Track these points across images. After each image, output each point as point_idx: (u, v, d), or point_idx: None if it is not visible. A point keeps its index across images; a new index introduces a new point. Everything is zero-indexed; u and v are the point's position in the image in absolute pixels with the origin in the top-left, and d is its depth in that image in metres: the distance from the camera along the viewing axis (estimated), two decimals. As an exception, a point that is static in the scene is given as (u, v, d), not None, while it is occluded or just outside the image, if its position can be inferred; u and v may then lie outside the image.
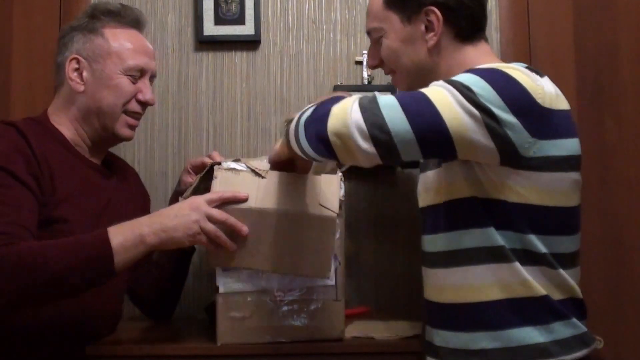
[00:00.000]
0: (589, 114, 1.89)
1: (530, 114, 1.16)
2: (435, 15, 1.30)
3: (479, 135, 1.14)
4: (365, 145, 1.13)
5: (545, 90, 1.19)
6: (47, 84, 1.85)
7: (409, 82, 1.36)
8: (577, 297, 1.25)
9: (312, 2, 1.99)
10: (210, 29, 1.96)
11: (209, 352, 1.41)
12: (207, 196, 1.34)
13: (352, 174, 1.79)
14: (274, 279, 1.36)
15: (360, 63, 1.97)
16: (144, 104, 1.55)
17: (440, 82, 1.18)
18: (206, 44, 1.97)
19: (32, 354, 1.41)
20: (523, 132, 1.16)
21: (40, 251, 1.27)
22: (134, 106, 1.53)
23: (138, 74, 1.52)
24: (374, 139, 1.13)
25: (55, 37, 1.62)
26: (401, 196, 1.93)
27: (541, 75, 1.23)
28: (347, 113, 1.14)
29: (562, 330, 1.21)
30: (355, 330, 1.50)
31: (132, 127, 1.55)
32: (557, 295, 1.22)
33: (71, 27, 1.55)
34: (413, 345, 1.44)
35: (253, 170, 1.39)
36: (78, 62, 1.51)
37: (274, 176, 1.38)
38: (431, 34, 1.31)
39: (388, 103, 1.14)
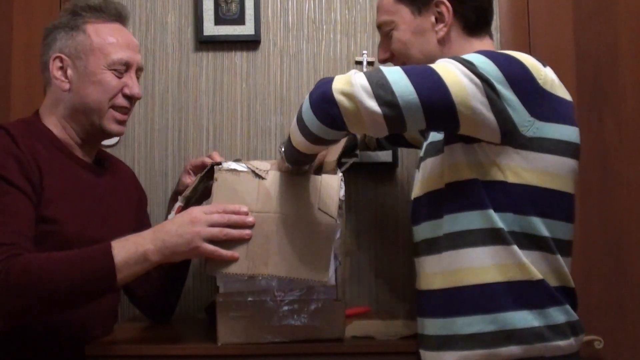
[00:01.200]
0: (589, 114, 1.89)
1: (529, 93, 1.19)
2: (445, 6, 1.33)
3: (480, 104, 1.16)
4: (371, 102, 1.14)
5: (547, 74, 1.22)
6: (47, 84, 1.85)
7: None
8: (570, 286, 1.26)
9: (312, 2, 1.99)
10: (210, 29, 1.96)
11: (209, 352, 1.41)
12: (208, 208, 1.35)
13: (353, 174, 1.79)
14: (274, 279, 1.36)
15: (360, 63, 1.97)
16: (131, 98, 1.53)
17: (443, 59, 1.21)
18: (206, 44, 1.97)
19: (30, 355, 1.41)
20: (522, 110, 1.18)
21: (45, 267, 1.28)
22: (120, 101, 1.51)
23: (123, 68, 1.50)
24: (378, 98, 1.14)
25: (55, 37, 1.62)
26: (401, 196, 1.93)
27: (544, 66, 1.25)
28: (350, 76, 1.17)
29: (556, 315, 1.22)
30: (355, 330, 1.50)
31: (121, 122, 1.53)
32: (552, 282, 1.23)
33: (53, 26, 1.53)
34: (413, 345, 1.44)
35: (253, 172, 1.39)
36: (61, 60, 1.49)
37: (274, 177, 1.38)
38: (441, 25, 1.35)
39: (391, 69, 1.16)
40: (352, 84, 1.15)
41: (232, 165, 1.40)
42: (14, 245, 1.28)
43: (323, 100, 1.18)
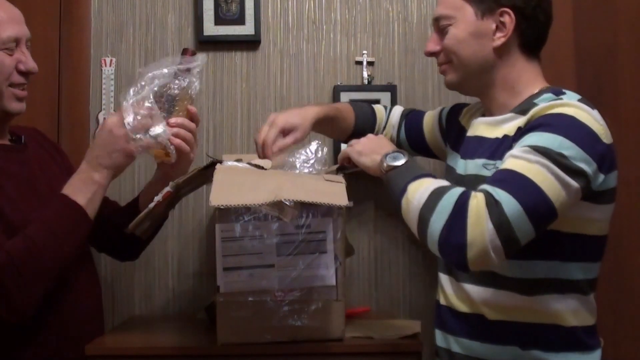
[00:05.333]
0: (589, 113, 1.88)
1: (603, 156, 1.24)
2: (510, 17, 1.34)
3: (574, 197, 1.21)
4: (498, 259, 1.17)
5: (604, 126, 1.26)
6: (47, 83, 1.86)
7: (462, 74, 1.40)
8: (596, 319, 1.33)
9: (312, 2, 1.99)
10: (210, 29, 1.96)
11: (209, 352, 1.41)
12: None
13: (353, 175, 1.79)
14: (275, 279, 1.36)
15: (360, 63, 1.97)
16: (27, 74, 1.47)
17: (534, 156, 1.20)
18: (206, 44, 1.97)
19: (28, 355, 1.41)
20: (598, 173, 1.23)
21: (30, 244, 1.32)
22: (16, 78, 1.45)
23: (13, 44, 1.44)
24: (506, 252, 1.17)
25: (55, 37, 1.61)
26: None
27: (593, 108, 1.28)
28: (484, 241, 1.15)
29: (581, 359, 1.29)
30: (355, 330, 1.50)
31: (21, 99, 1.48)
32: (589, 320, 1.31)
33: None
34: (413, 345, 1.44)
35: (254, 165, 1.42)
36: None
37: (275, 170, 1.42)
38: (500, 35, 1.35)
39: (515, 211, 1.16)
40: (485, 245, 1.15)
41: (233, 163, 1.41)
42: None
43: (454, 250, 1.18)
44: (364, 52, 1.97)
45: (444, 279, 1.42)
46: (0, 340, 1.38)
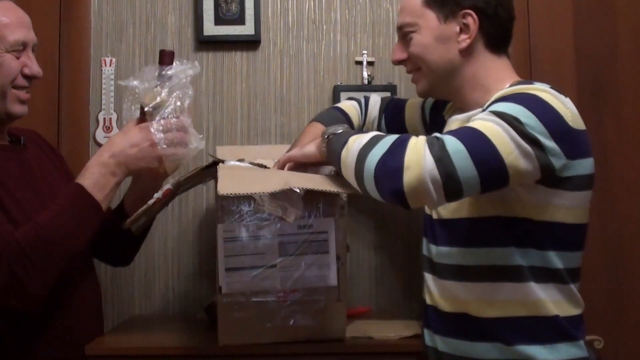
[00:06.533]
0: (589, 114, 1.87)
1: (565, 138, 1.22)
2: (472, 18, 1.34)
3: (530, 166, 1.19)
4: (437, 196, 1.16)
5: (572, 112, 1.25)
6: (47, 84, 1.85)
7: (431, 80, 1.40)
8: (581, 310, 1.32)
9: (312, 2, 1.99)
10: (210, 29, 1.96)
11: (210, 352, 1.41)
12: (157, 124, 1.42)
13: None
14: (277, 279, 1.36)
15: (360, 63, 1.97)
16: (31, 78, 1.49)
17: (490, 116, 1.20)
18: (206, 44, 1.97)
19: (28, 355, 1.41)
20: (561, 156, 1.21)
21: (41, 233, 1.32)
22: (21, 81, 1.47)
23: (20, 47, 1.46)
24: (446, 191, 1.15)
25: (55, 37, 1.61)
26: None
27: (565, 97, 1.28)
28: (421, 166, 1.14)
29: (567, 350, 1.28)
30: (355, 330, 1.50)
31: (24, 102, 1.49)
32: (572, 311, 1.29)
33: None
34: (413, 345, 1.44)
35: (257, 164, 1.43)
36: None
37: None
38: (465, 36, 1.35)
39: (458, 150, 1.16)
40: (423, 180, 1.14)
41: (236, 163, 1.42)
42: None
43: (393, 194, 1.17)
44: (364, 52, 1.97)
45: (429, 278, 1.42)
46: (0, 340, 1.38)
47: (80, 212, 1.38)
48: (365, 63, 1.96)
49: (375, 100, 1.73)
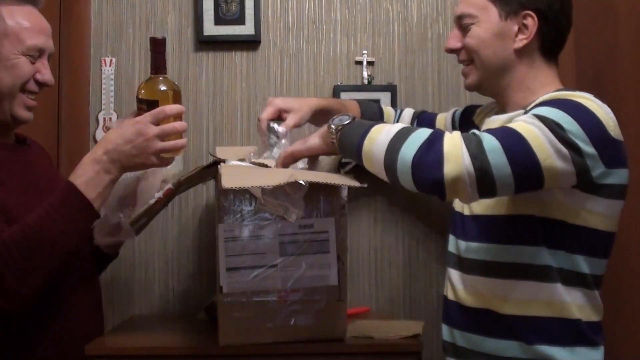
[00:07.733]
0: (588, 114, 1.89)
1: (605, 145, 1.24)
2: (533, 20, 1.36)
3: (567, 171, 1.21)
4: (471, 190, 1.17)
5: (614, 122, 1.27)
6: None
7: (482, 74, 1.41)
8: (601, 317, 1.34)
9: (312, 2, 1.99)
10: (210, 29, 1.96)
11: (210, 352, 1.41)
12: (150, 116, 1.40)
13: (353, 174, 1.79)
14: (278, 279, 1.36)
15: (360, 63, 1.97)
16: (42, 85, 1.49)
17: (532, 119, 1.21)
18: (206, 44, 1.97)
19: (28, 356, 1.41)
20: (599, 162, 1.23)
21: (27, 230, 1.30)
22: (31, 86, 1.47)
23: (37, 53, 1.46)
24: (480, 187, 1.17)
25: (55, 37, 1.61)
26: (402, 196, 1.93)
27: (604, 104, 1.30)
28: (460, 159, 1.16)
29: (587, 354, 1.30)
30: (355, 330, 1.50)
31: (30, 108, 1.49)
32: (593, 317, 1.31)
33: None
34: (413, 345, 1.44)
35: (258, 164, 1.43)
36: None
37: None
38: (522, 37, 1.37)
39: (494, 147, 1.17)
40: (461, 174, 1.15)
41: (237, 162, 1.43)
42: None
43: (434, 185, 1.17)
44: (364, 52, 1.97)
45: (454, 274, 1.44)
46: (0, 340, 1.38)
47: (70, 210, 1.36)
48: (365, 63, 1.96)
49: (409, 111, 1.78)
